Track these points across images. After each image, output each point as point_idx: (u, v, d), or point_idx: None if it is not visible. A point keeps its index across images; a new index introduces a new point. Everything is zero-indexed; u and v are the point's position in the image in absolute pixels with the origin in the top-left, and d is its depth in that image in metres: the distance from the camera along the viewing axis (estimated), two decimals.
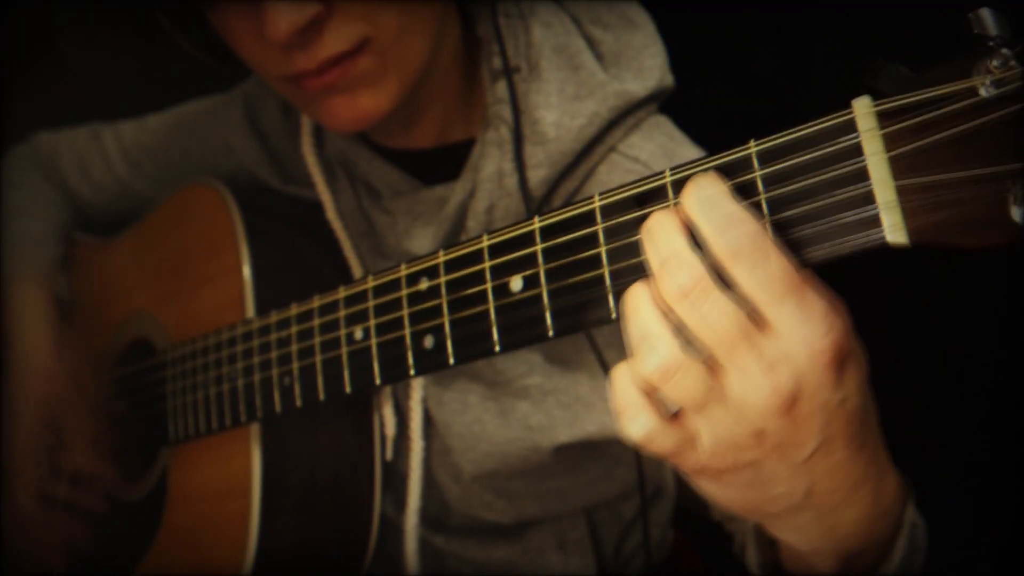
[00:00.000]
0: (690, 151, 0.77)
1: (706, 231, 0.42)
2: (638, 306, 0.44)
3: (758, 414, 0.42)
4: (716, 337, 0.42)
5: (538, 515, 0.85)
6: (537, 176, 0.73)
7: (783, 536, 0.49)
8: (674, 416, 0.44)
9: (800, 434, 0.43)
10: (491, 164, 0.74)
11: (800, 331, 0.41)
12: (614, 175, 0.75)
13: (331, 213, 0.87)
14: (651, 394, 0.44)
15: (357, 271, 0.86)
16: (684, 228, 0.44)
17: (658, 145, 0.75)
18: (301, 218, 0.88)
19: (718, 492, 0.46)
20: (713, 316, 0.42)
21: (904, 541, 0.48)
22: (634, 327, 0.44)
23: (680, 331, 0.43)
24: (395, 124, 0.76)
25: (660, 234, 0.44)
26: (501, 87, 0.74)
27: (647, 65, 0.76)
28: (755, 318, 0.42)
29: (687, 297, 0.42)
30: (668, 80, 0.77)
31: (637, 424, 0.44)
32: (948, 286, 0.99)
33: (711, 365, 0.43)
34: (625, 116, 0.75)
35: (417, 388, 0.82)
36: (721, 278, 0.43)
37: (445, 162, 0.79)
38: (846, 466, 0.44)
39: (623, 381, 0.45)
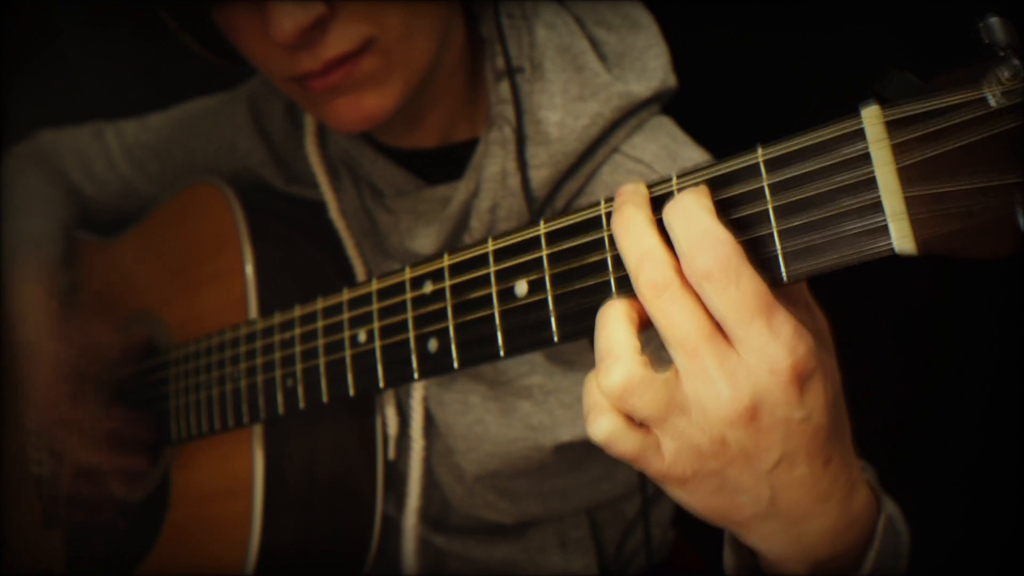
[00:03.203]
0: (693, 152, 0.77)
1: (681, 248, 0.43)
2: (606, 321, 0.45)
3: (719, 422, 0.43)
4: (681, 337, 0.43)
5: (540, 515, 0.85)
6: (540, 176, 0.73)
7: (752, 543, 0.49)
8: (640, 422, 0.45)
9: (761, 446, 0.43)
10: (494, 164, 0.74)
11: (764, 351, 0.41)
12: (617, 176, 0.75)
13: (334, 212, 0.87)
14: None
15: (360, 271, 0.86)
16: (655, 225, 0.45)
17: (661, 146, 0.75)
18: (304, 218, 0.88)
19: (685, 498, 0.47)
20: (680, 316, 0.43)
21: (876, 551, 0.49)
22: (600, 342, 0.45)
23: (650, 329, 0.44)
24: (399, 124, 0.76)
25: (631, 229, 0.45)
26: (504, 87, 0.74)
27: (650, 66, 0.76)
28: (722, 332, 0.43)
29: (657, 295, 0.43)
30: (671, 81, 0.77)
31: (599, 426, 0.45)
32: (950, 290, 0.99)
33: (672, 375, 0.44)
34: (628, 117, 0.75)
35: (418, 388, 0.82)
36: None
37: (449, 162, 0.79)
38: (810, 480, 0.45)
39: (590, 384, 0.46)
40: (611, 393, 0.44)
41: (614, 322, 0.45)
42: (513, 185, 0.74)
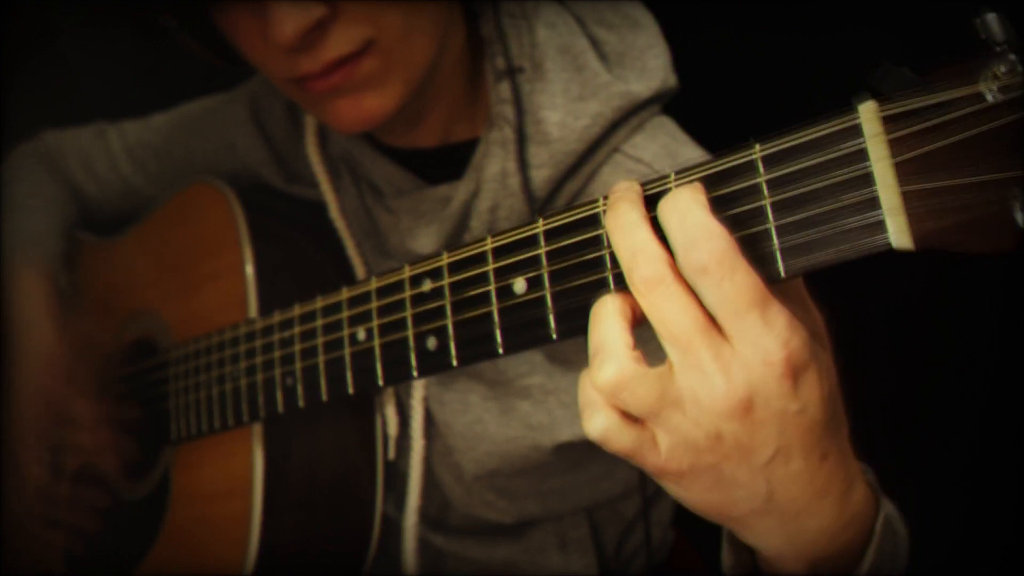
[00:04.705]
0: (693, 152, 0.77)
1: (676, 242, 0.43)
2: (598, 318, 0.46)
3: (714, 415, 0.43)
4: (675, 332, 0.43)
5: (540, 514, 0.85)
6: (540, 176, 0.73)
7: (749, 540, 0.49)
8: (635, 418, 0.45)
9: (756, 439, 0.43)
10: (495, 164, 0.74)
11: (758, 343, 0.42)
12: (617, 175, 0.75)
13: (334, 212, 0.87)
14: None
15: (360, 270, 0.86)
16: (648, 221, 0.45)
17: (661, 146, 0.76)
18: (304, 217, 0.89)
19: (682, 494, 0.47)
20: (674, 311, 0.43)
21: (873, 551, 0.49)
22: (592, 338, 0.45)
23: (643, 324, 0.45)
24: (399, 124, 0.77)
25: (625, 226, 0.45)
26: (504, 87, 0.74)
27: (651, 66, 0.76)
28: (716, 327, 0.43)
29: (651, 290, 0.43)
30: (672, 81, 0.77)
31: (594, 423, 0.45)
32: (950, 290, 0.99)
33: (666, 370, 0.44)
34: (629, 117, 0.75)
35: (419, 388, 0.82)
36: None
37: (449, 161, 0.79)
38: (806, 475, 0.45)
39: (584, 381, 0.46)
40: (603, 389, 0.44)
41: (606, 318, 0.45)
42: (513, 185, 0.74)
